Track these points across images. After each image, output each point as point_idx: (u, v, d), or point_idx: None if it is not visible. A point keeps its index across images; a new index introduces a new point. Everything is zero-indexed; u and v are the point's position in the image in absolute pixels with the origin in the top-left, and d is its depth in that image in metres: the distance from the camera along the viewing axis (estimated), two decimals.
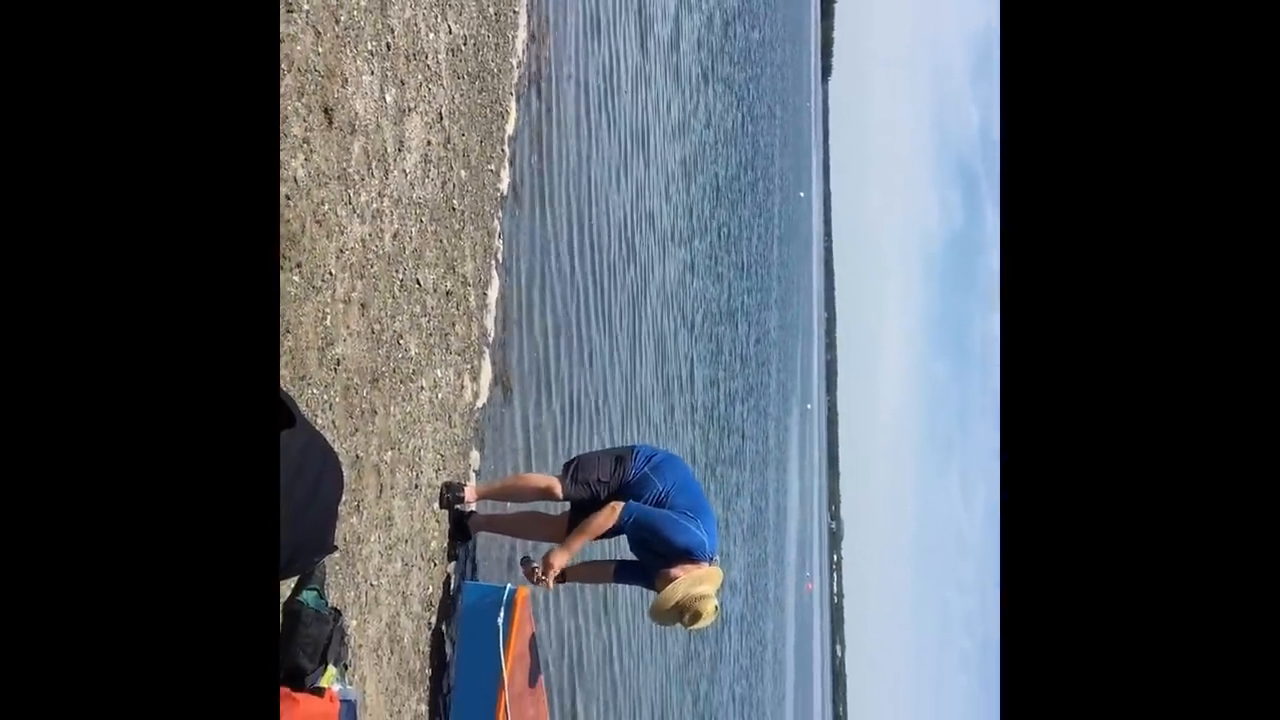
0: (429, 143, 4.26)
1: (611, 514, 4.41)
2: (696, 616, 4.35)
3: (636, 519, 4.41)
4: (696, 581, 4.34)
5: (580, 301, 7.34)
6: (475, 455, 5.03)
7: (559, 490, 4.59)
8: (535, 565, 4.58)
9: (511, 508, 4.98)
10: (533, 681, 4.84)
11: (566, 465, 4.69)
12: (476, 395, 5.05)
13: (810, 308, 67.88)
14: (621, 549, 4.83)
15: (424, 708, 4.23)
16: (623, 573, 4.65)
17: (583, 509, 4.58)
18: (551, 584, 4.57)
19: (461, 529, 4.70)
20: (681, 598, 4.31)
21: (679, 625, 4.44)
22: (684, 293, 12.38)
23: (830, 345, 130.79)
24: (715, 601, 4.40)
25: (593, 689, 7.41)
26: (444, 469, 4.52)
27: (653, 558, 4.43)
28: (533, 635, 4.74)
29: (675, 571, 4.35)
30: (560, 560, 4.51)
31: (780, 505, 30.57)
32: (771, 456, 26.06)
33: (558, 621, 6.48)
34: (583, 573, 4.74)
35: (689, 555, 4.36)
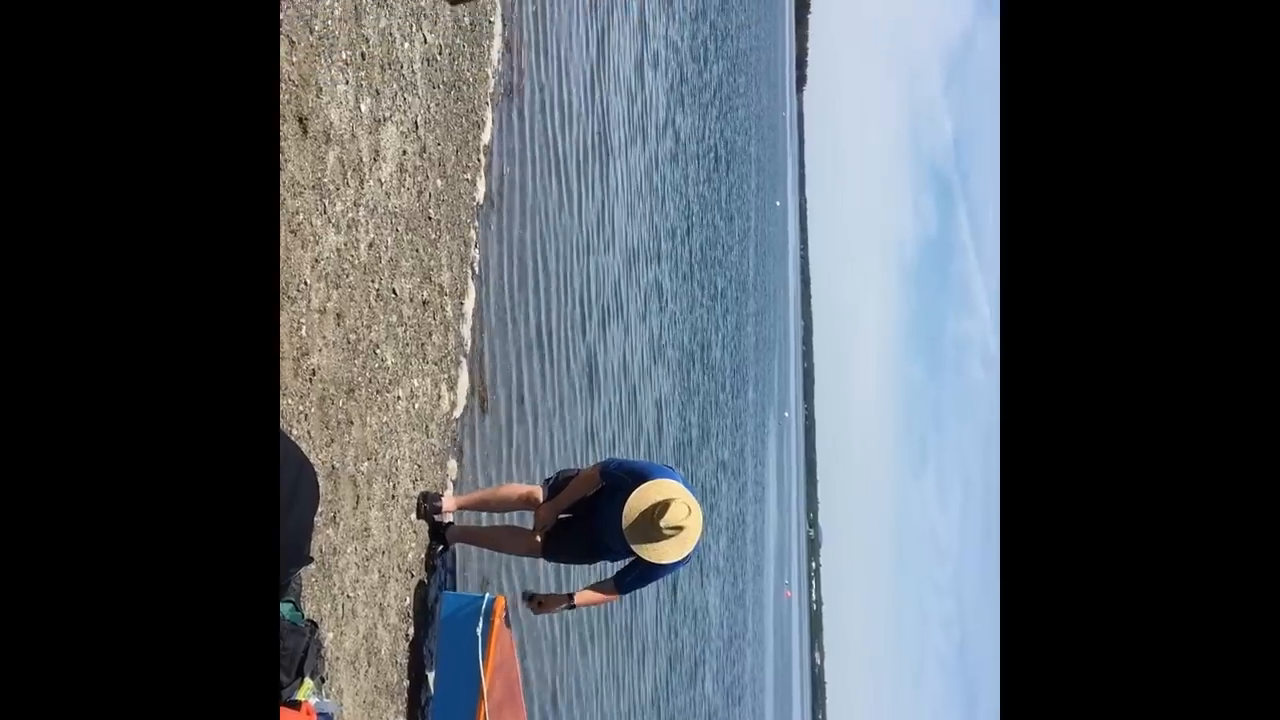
0: (404, 152, 4.25)
1: (592, 472, 4.43)
2: (664, 510, 4.14)
3: (619, 464, 4.41)
4: (654, 489, 4.21)
5: (557, 312, 7.34)
6: (453, 465, 5.02)
7: (540, 498, 4.58)
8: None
9: (489, 519, 4.96)
10: (512, 691, 4.83)
11: (548, 480, 4.68)
12: (454, 405, 5.04)
13: (787, 316, 68.13)
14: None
15: None
16: (622, 581, 4.61)
17: (563, 523, 4.57)
18: (545, 608, 4.67)
19: (439, 539, 4.68)
20: (643, 504, 4.18)
21: (657, 539, 4.22)
22: (661, 302, 12.39)
23: (807, 353, 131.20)
24: (687, 504, 4.22)
25: (572, 701, 7.40)
26: (421, 479, 4.50)
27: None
28: (512, 644, 4.73)
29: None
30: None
31: (758, 514, 30.62)
32: (749, 465, 26.11)
33: (534, 638, 6.47)
34: (590, 596, 4.70)
35: (646, 474, 4.28)
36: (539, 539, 4.65)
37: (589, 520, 4.51)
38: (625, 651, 9.72)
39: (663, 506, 4.17)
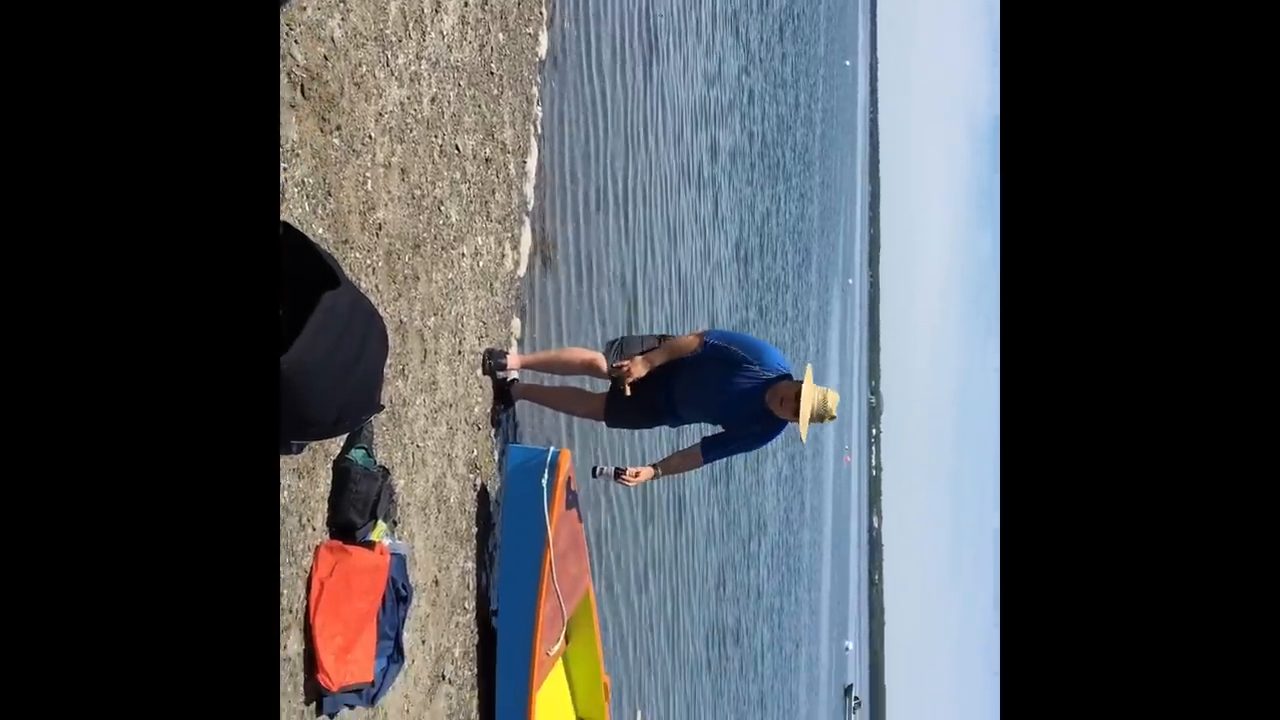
0: (466, 4, 4.19)
1: (692, 339, 4.52)
2: (825, 403, 4.44)
3: (723, 335, 4.54)
4: (812, 389, 4.39)
5: (620, 173, 7.29)
6: (516, 323, 5.09)
7: (602, 366, 4.65)
8: (623, 364, 4.57)
9: (552, 380, 5.04)
10: (575, 539, 4.99)
11: (610, 343, 4.74)
12: (517, 264, 5.07)
13: (854, 181, 66.78)
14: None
15: (471, 564, 4.39)
16: (710, 450, 4.73)
17: (631, 388, 4.65)
18: (641, 477, 4.72)
19: (504, 396, 4.79)
20: (816, 403, 4.38)
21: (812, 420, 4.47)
22: (727, 164, 12.21)
23: (874, 219, 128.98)
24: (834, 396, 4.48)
25: (626, 557, 7.63)
26: (486, 336, 4.58)
27: (747, 384, 4.47)
28: (575, 495, 4.87)
29: (784, 387, 4.42)
30: (639, 370, 4.55)
31: (819, 381, 30.62)
32: (811, 332, 26.05)
33: (594, 509, 6.65)
34: (674, 463, 4.84)
35: (763, 352, 4.49)
36: (604, 400, 4.74)
37: (664, 387, 4.60)
38: (687, 526, 9.96)
39: (823, 401, 4.44)
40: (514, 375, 4.81)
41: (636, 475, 4.75)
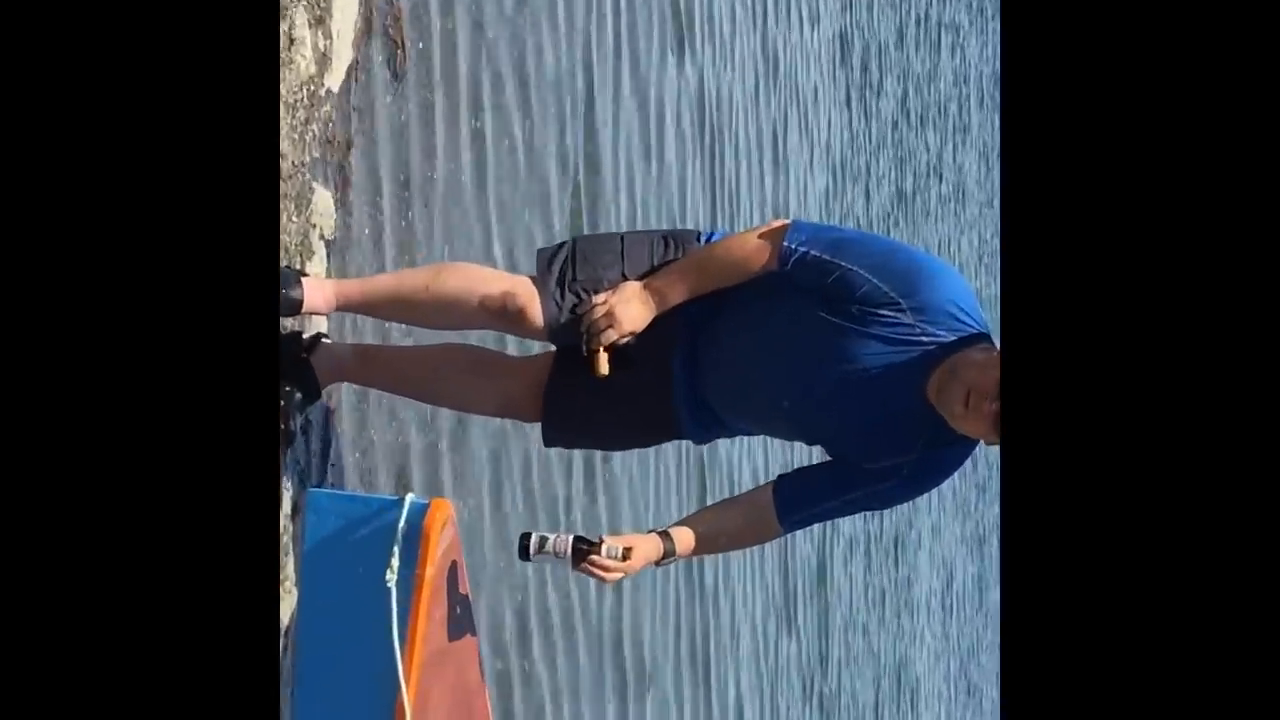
0: None
1: (760, 242, 2.09)
2: None
3: (834, 239, 2.11)
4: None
5: None
6: (323, 197, 2.36)
7: (529, 310, 2.12)
8: (593, 303, 2.13)
9: (410, 338, 2.52)
10: (456, 635, 2.39)
11: (547, 256, 2.21)
12: (323, 66, 2.31)
13: None
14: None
15: None
16: (794, 501, 2.19)
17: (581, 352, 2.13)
18: (630, 563, 2.12)
19: (300, 375, 2.21)
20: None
21: None
22: None
23: None
24: None
25: None
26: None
27: (887, 354, 2.03)
28: (465, 604, 2.26)
29: (977, 362, 1.96)
30: (630, 315, 2.10)
31: None
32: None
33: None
34: (708, 528, 2.27)
35: (984, 337, 2.05)
36: (540, 376, 2.26)
37: (680, 353, 2.17)
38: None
39: None
40: (321, 329, 2.32)
41: (620, 556, 2.11)
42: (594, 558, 2.07)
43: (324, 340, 2.25)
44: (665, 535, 2.17)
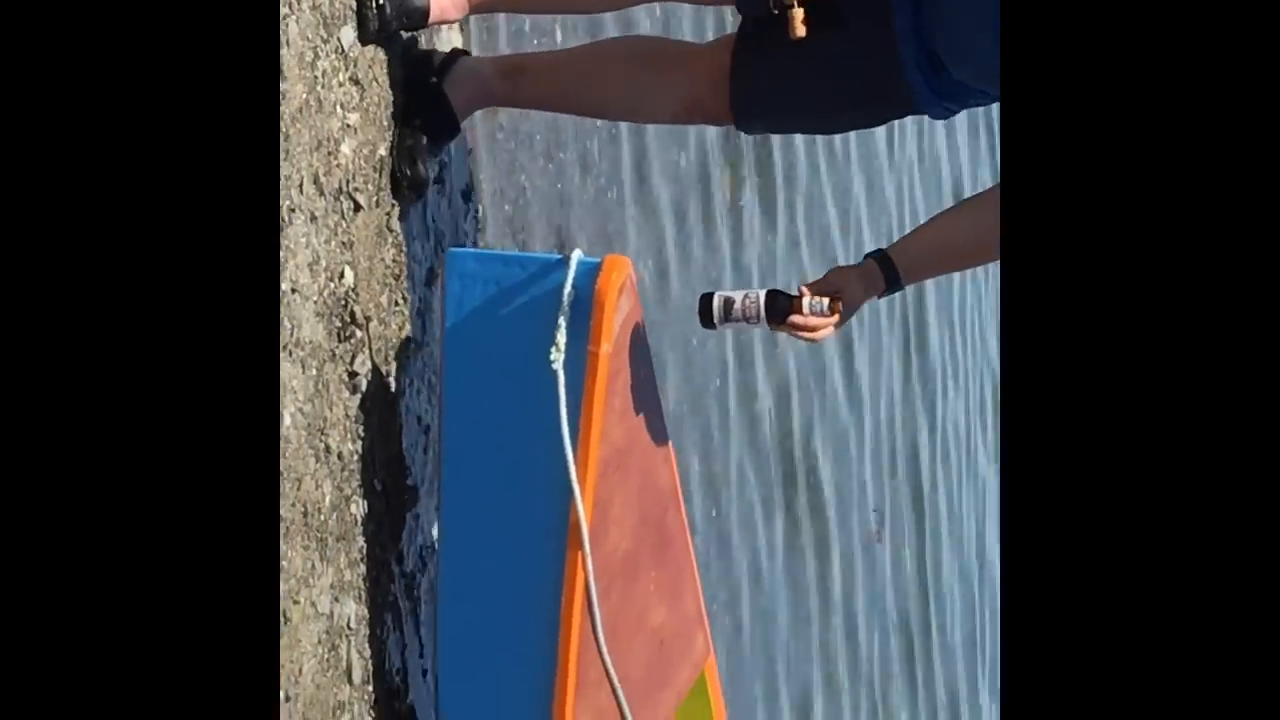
0: None
1: None
2: None
3: None
4: None
5: None
6: None
7: None
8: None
9: (553, 36, 2.24)
10: (642, 429, 2.00)
11: None
12: None
13: None
14: None
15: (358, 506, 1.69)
16: None
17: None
18: (843, 305, 1.70)
19: (436, 107, 1.81)
20: None
21: None
22: None
23: None
24: None
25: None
26: None
27: None
28: (638, 344, 1.82)
29: None
30: None
31: None
32: None
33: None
34: (940, 235, 1.89)
35: None
36: (723, 59, 1.82)
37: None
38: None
39: None
40: (455, 44, 1.97)
41: (826, 311, 1.72)
42: (794, 318, 1.69)
43: (460, 58, 1.84)
44: (884, 259, 1.76)
